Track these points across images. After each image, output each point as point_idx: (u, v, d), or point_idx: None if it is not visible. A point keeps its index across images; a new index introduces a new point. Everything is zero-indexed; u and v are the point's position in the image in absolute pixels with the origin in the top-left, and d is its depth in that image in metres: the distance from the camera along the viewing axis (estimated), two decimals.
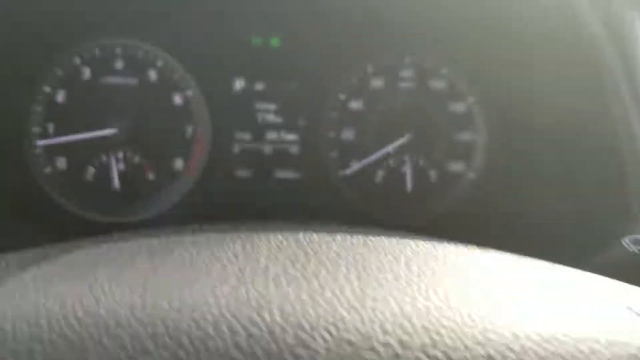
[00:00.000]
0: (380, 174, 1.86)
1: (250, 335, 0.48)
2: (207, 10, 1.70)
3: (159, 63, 1.78)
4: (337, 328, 0.49)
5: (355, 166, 1.85)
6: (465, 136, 1.87)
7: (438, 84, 1.85)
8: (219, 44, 1.80)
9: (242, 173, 1.83)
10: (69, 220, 1.76)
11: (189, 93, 1.79)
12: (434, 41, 1.83)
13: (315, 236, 0.86)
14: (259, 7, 1.68)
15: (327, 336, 0.48)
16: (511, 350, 0.49)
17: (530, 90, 1.75)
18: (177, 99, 1.80)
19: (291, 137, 1.84)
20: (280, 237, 0.85)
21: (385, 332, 0.49)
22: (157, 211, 1.79)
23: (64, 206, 1.76)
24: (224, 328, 0.48)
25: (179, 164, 1.81)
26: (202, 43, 1.80)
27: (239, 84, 1.82)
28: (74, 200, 1.77)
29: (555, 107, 1.67)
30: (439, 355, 0.47)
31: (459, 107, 1.86)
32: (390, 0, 1.62)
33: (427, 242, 0.84)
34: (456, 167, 1.88)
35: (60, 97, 1.76)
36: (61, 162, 1.78)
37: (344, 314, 0.51)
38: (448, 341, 0.48)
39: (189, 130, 1.81)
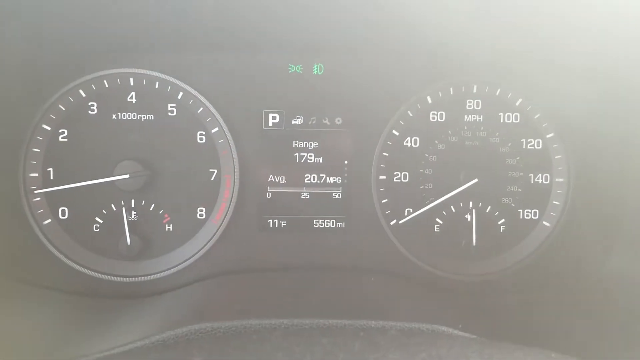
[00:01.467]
0: (439, 223, 1.57)
1: None
2: (235, 33, 1.41)
3: (179, 96, 1.50)
4: None
5: (410, 214, 1.56)
6: (541, 179, 1.57)
7: (511, 118, 1.55)
8: (250, 72, 1.52)
9: (275, 222, 1.55)
10: (74, 279, 1.50)
11: (214, 130, 1.50)
12: (506, 68, 1.53)
13: None
14: (300, 29, 1.39)
15: None
16: None
17: (624, 124, 1.45)
18: (200, 138, 1.51)
19: (334, 180, 1.55)
20: None
21: None
22: (176, 267, 1.52)
23: (68, 264, 1.49)
24: None
25: (202, 211, 1.53)
26: (229, 72, 1.51)
27: (272, 119, 1.54)
28: (78, 256, 1.50)
29: None
30: None
31: (535, 145, 1.56)
32: (455, 21, 1.32)
33: None
34: (529, 215, 1.58)
35: (63, 136, 1.48)
36: (63, 213, 1.50)
37: None
38: None
39: (214, 173, 1.53)
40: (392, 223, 1.56)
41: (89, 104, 1.49)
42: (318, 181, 1.56)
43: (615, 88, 1.46)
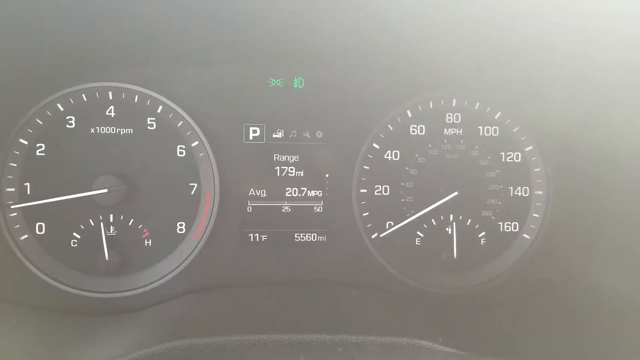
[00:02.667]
0: (420, 236, 1.58)
1: None
2: (216, 47, 1.41)
3: (159, 110, 1.49)
4: None
5: (391, 228, 1.56)
6: (520, 192, 1.58)
7: (490, 131, 1.57)
8: (230, 85, 1.51)
9: (256, 236, 1.54)
10: (51, 296, 1.47)
11: (194, 144, 1.49)
12: (484, 82, 1.54)
13: None
14: (280, 43, 1.39)
15: None
16: None
17: (601, 137, 1.47)
18: (180, 151, 1.51)
19: (315, 193, 1.55)
20: None
21: None
22: (155, 283, 1.50)
23: (45, 280, 1.46)
24: None
25: (181, 226, 1.52)
26: (209, 85, 1.50)
27: (253, 133, 1.53)
28: (55, 273, 1.48)
29: (635, 158, 1.40)
30: None
31: (514, 158, 1.57)
32: (435, 35, 1.33)
33: None
34: (509, 227, 1.59)
35: (40, 151, 1.46)
36: (40, 228, 1.48)
37: None
38: None
39: (194, 187, 1.52)
40: (373, 236, 1.56)
41: (67, 118, 1.47)
42: (299, 195, 1.55)
43: (593, 102, 1.48)
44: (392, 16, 1.20)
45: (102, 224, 1.47)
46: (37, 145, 1.46)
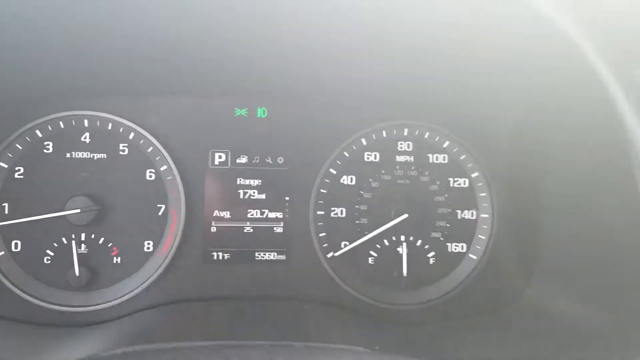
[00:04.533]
0: (373, 255, 1.68)
1: None
2: (185, 79, 1.54)
3: (131, 136, 1.61)
4: None
5: (346, 247, 1.67)
6: (467, 215, 1.69)
7: (439, 158, 1.69)
8: (198, 115, 1.64)
9: (219, 255, 1.64)
10: (25, 310, 1.56)
11: (163, 168, 1.61)
12: (434, 112, 1.67)
13: None
14: (245, 76, 1.52)
15: None
16: None
17: (543, 165, 1.58)
18: (149, 175, 1.62)
19: (275, 215, 1.66)
20: None
21: None
22: (122, 298, 1.59)
23: (19, 294, 1.55)
24: None
25: (149, 245, 1.62)
26: (178, 114, 1.63)
27: (219, 158, 1.65)
28: (29, 287, 1.57)
29: (571, 184, 1.51)
30: None
31: (461, 183, 1.69)
32: (387, 68, 1.46)
33: None
34: (456, 248, 1.70)
35: (19, 173, 1.57)
36: (16, 246, 1.58)
37: None
38: None
39: (162, 208, 1.63)
40: (329, 255, 1.65)
41: (45, 143, 1.58)
42: (260, 216, 1.66)
43: (534, 131, 1.59)
44: (348, 54, 1.33)
45: (73, 242, 1.57)
46: (16, 168, 1.57)
